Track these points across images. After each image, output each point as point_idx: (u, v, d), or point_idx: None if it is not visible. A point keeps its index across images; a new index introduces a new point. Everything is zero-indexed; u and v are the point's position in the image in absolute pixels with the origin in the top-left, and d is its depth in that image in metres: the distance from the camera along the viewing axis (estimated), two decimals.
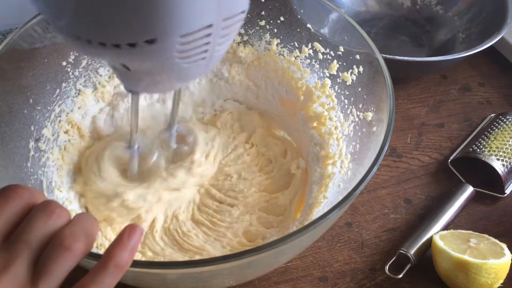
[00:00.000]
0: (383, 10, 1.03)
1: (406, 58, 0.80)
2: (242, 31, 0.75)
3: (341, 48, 0.68)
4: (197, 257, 0.63)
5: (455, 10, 0.99)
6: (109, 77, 0.72)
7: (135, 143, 0.62)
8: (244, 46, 0.76)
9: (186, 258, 0.63)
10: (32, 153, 0.62)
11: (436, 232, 0.67)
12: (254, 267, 0.53)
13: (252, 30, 0.75)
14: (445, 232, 0.67)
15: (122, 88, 0.72)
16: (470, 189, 0.73)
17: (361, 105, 0.64)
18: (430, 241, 0.66)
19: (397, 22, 1.03)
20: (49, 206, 0.36)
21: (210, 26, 0.39)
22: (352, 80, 0.67)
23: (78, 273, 0.36)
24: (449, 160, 0.79)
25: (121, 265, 0.36)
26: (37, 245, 0.35)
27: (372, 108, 0.62)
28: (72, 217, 0.37)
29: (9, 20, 0.91)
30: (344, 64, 0.68)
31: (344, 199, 0.48)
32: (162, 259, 0.63)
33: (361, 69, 0.65)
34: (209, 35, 0.40)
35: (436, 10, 1.01)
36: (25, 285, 0.34)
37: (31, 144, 0.62)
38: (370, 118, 0.62)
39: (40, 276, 0.34)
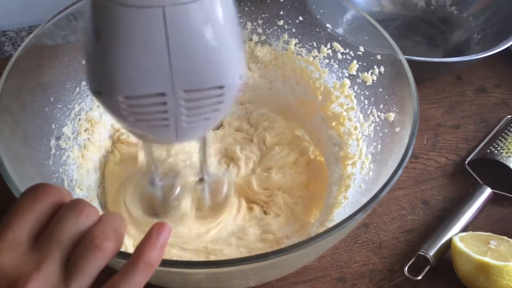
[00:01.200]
0: (397, 10, 1.03)
1: (422, 58, 0.80)
2: (260, 30, 0.75)
3: (361, 48, 0.67)
4: (213, 258, 0.62)
5: (471, 11, 0.99)
6: None
7: (156, 179, 0.58)
8: (262, 46, 0.76)
9: (203, 258, 0.62)
10: (53, 151, 0.61)
11: (455, 234, 0.67)
12: (279, 268, 0.53)
13: (270, 30, 0.75)
14: (464, 234, 0.67)
15: None
16: (488, 191, 0.73)
17: (382, 105, 0.64)
18: (449, 242, 0.66)
19: (412, 23, 1.02)
20: (78, 204, 0.36)
21: (162, 94, 0.38)
22: (373, 80, 0.66)
23: (106, 273, 0.36)
24: (467, 162, 0.79)
25: (151, 263, 0.36)
26: (68, 244, 0.35)
27: (394, 109, 0.61)
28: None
29: (31, 17, 0.92)
30: (364, 64, 0.67)
31: (370, 201, 0.48)
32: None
33: (382, 69, 0.65)
34: (164, 103, 0.38)
35: (450, 10, 1.01)
36: (57, 284, 0.34)
37: (52, 142, 0.62)
38: (392, 119, 0.61)
39: (71, 275, 0.35)
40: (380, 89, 0.65)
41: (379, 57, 0.65)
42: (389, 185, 0.49)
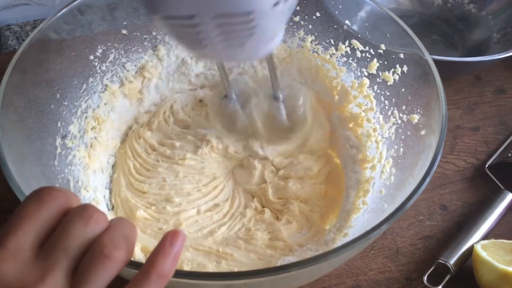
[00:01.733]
0: (413, 7, 1.00)
1: (440, 57, 0.76)
2: None
3: (383, 46, 0.65)
4: (224, 262, 0.60)
5: (490, 9, 0.96)
6: (135, 72, 0.70)
7: (231, 91, 0.60)
8: None
9: (215, 264, 0.60)
10: (59, 150, 0.59)
11: (477, 242, 0.64)
12: (298, 279, 0.51)
13: (285, 26, 0.72)
14: (486, 241, 0.64)
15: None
16: (509, 196, 0.70)
17: (404, 106, 0.61)
18: (470, 250, 0.63)
19: (428, 21, 0.99)
20: (86, 210, 0.34)
21: (193, 16, 0.39)
22: (394, 80, 0.64)
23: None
24: (487, 165, 0.76)
25: (164, 274, 0.34)
26: (75, 252, 0.33)
27: (419, 111, 0.59)
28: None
29: (36, 11, 0.90)
30: (386, 63, 0.65)
31: (399, 209, 0.45)
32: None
33: (405, 68, 0.62)
34: (196, 25, 0.40)
35: (468, 8, 0.98)
36: None
37: (58, 141, 0.59)
38: (416, 121, 0.59)
39: (79, 287, 0.32)
40: (403, 89, 0.62)
41: (402, 55, 0.62)
42: (418, 192, 0.47)
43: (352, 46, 0.68)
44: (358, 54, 0.68)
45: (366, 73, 0.67)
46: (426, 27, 0.98)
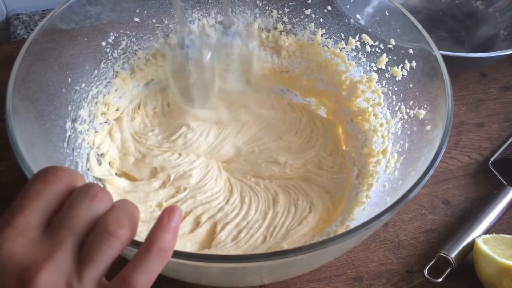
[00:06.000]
0: (421, 3, 1.00)
1: (446, 52, 0.76)
2: (286, 19, 0.72)
3: (392, 41, 0.65)
4: None
5: (497, 6, 0.96)
6: (147, 60, 0.70)
7: (185, 39, 0.57)
8: (287, 35, 0.73)
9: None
10: (68, 133, 0.60)
11: (478, 236, 0.65)
12: (296, 266, 0.51)
13: (297, 19, 0.72)
14: (488, 236, 0.65)
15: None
16: None
17: (411, 102, 0.62)
18: (471, 244, 0.64)
19: (435, 17, 0.99)
20: (91, 189, 0.34)
21: None
22: (403, 75, 0.64)
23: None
24: (490, 161, 0.76)
25: (165, 248, 0.34)
26: (81, 231, 0.33)
27: (425, 106, 0.59)
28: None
29: (44, 1, 0.90)
30: (395, 58, 0.65)
31: (399, 201, 0.46)
32: None
33: (413, 64, 0.62)
34: None
35: (476, 5, 0.98)
36: (70, 272, 0.33)
37: (68, 124, 0.60)
38: (422, 116, 0.59)
39: (85, 264, 0.33)
40: (411, 85, 0.62)
41: (411, 51, 0.62)
42: (419, 186, 0.47)
43: (362, 40, 0.68)
44: (368, 48, 0.68)
45: (375, 68, 0.67)
46: (433, 23, 0.98)
